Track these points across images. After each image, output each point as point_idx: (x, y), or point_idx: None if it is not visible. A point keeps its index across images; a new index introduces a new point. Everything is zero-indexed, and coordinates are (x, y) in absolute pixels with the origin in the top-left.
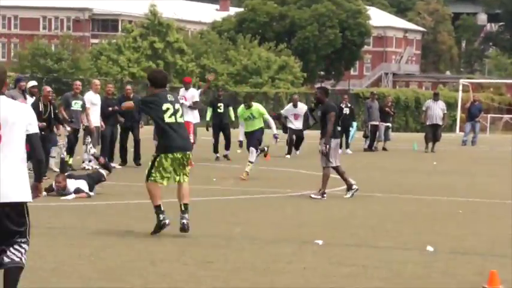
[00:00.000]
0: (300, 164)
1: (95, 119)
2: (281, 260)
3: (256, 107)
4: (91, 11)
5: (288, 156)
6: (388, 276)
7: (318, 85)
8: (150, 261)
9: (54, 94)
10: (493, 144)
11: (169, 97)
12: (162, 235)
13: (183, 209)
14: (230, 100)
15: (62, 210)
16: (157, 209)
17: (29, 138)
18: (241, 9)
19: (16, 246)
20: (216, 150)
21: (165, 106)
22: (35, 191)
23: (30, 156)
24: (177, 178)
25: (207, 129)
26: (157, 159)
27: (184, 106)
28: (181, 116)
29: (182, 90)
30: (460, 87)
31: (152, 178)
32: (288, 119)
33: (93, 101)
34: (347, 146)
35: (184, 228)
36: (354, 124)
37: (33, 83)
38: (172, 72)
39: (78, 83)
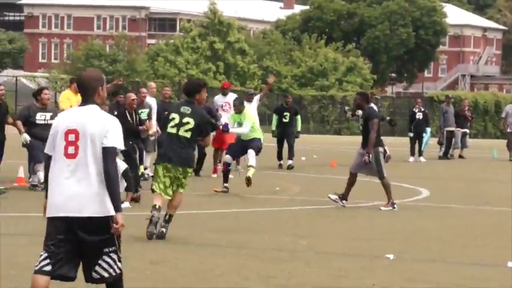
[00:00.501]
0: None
1: (151, 124)
2: (349, 276)
3: (247, 112)
4: (148, 9)
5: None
6: (458, 283)
7: (389, 88)
8: (207, 276)
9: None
10: None
11: (184, 108)
12: (223, 247)
13: (166, 218)
14: (298, 108)
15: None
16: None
17: (102, 151)
18: (307, 7)
19: (105, 258)
20: (280, 157)
21: (172, 115)
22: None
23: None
24: (173, 188)
25: (273, 136)
26: (155, 168)
27: (228, 112)
28: (188, 130)
29: (219, 97)
30: None
31: (153, 187)
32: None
33: (149, 105)
34: (420, 154)
35: (161, 236)
36: (428, 130)
37: None
38: (233, 74)
39: (144, 90)
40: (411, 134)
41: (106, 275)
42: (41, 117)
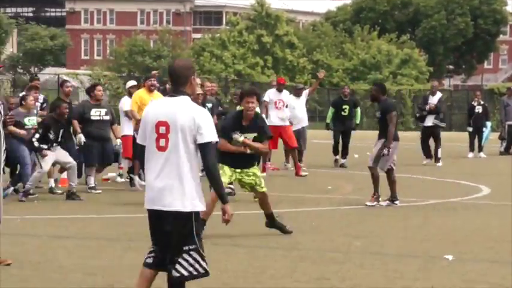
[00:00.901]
0: (424, 170)
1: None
2: (406, 277)
3: None
4: (193, 2)
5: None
6: None
7: (446, 81)
8: (257, 278)
9: None
10: None
11: None
12: (273, 248)
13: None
14: (358, 100)
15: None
16: None
17: (199, 148)
18: None
19: (186, 256)
20: (336, 151)
21: None
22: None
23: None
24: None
25: (327, 129)
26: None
27: (281, 110)
28: None
29: (274, 93)
30: None
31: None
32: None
33: None
34: (480, 149)
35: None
36: (488, 124)
37: (132, 82)
38: (282, 68)
39: (208, 84)
40: (470, 129)
41: (185, 273)
42: (95, 114)
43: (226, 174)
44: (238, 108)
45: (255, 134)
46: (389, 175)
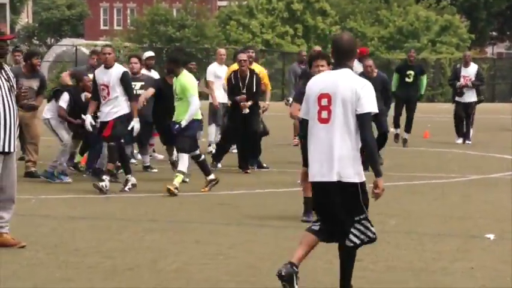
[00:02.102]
0: (465, 145)
1: (220, 94)
2: (444, 258)
3: (183, 76)
4: None
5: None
6: None
7: (489, 49)
8: (285, 260)
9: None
10: None
11: None
12: (301, 228)
13: None
14: (424, 66)
15: (184, 202)
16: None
17: (357, 118)
18: None
19: (357, 226)
20: (397, 125)
21: None
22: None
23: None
24: None
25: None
26: None
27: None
28: None
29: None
30: None
31: None
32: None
33: (217, 73)
34: None
35: None
36: None
37: (149, 53)
38: (313, 37)
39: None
40: None
41: (357, 241)
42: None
43: None
44: None
45: None
46: None
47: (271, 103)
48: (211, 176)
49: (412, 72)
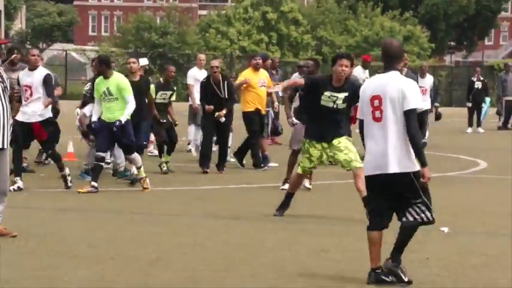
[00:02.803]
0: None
1: (199, 96)
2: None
3: (117, 77)
4: None
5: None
6: None
7: (447, 57)
8: (258, 250)
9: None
10: None
11: None
12: (275, 221)
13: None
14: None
15: (164, 196)
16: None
17: (404, 114)
18: None
19: (414, 208)
20: None
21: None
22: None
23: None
24: None
25: None
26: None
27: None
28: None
29: (360, 72)
30: None
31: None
32: None
33: (197, 77)
34: (478, 124)
35: None
36: (487, 100)
37: (144, 61)
38: (286, 45)
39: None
40: (469, 104)
41: (411, 219)
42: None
43: (313, 156)
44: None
45: (346, 94)
46: None
47: None
48: (94, 183)
49: None
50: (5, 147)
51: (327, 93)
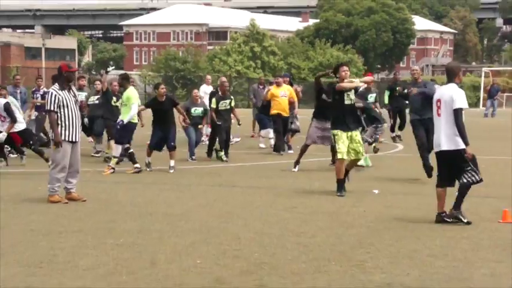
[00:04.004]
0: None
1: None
2: (347, 206)
3: (129, 90)
4: (207, 25)
5: None
6: (421, 208)
7: (375, 75)
8: (249, 208)
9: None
10: (509, 116)
11: None
12: (260, 188)
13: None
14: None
15: (184, 172)
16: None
17: (453, 112)
18: (318, 20)
19: (466, 173)
20: (393, 130)
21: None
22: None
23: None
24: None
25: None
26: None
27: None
28: None
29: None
30: (483, 74)
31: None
32: None
33: (206, 91)
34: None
35: None
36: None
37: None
38: (267, 68)
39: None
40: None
41: (465, 180)
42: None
43: (343, 139)
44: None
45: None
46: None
47: (242, 109)
48: (137, 165)
49: (399, 88)
50: (77, 140)
51: (346, 94)
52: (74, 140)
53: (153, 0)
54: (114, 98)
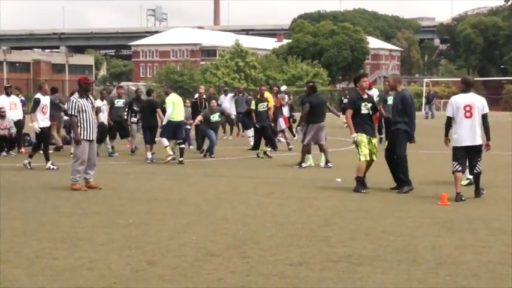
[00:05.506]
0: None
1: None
2: (315, 192)
3: (170, 97)
4: (200, 45)
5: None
6: (375, 193)
7: (338, 85)
8: (236, 192)
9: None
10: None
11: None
12: (243, 177)
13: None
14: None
15: (183, 165)
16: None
17: (482, 116)
18: (290, 40)
19: (479, 163)
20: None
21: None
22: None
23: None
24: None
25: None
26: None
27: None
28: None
29: (376, 92)
30: (424, 84)
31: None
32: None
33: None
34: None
35: None
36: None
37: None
38: (249, 80)
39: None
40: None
41: (476, 171)
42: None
43: (365, 142)
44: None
45: (371, 104)
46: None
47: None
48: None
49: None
50: (94, 139)
51: (363, 104)
52: (90, 138)
53: (156, 25)
54: (116, 100)
